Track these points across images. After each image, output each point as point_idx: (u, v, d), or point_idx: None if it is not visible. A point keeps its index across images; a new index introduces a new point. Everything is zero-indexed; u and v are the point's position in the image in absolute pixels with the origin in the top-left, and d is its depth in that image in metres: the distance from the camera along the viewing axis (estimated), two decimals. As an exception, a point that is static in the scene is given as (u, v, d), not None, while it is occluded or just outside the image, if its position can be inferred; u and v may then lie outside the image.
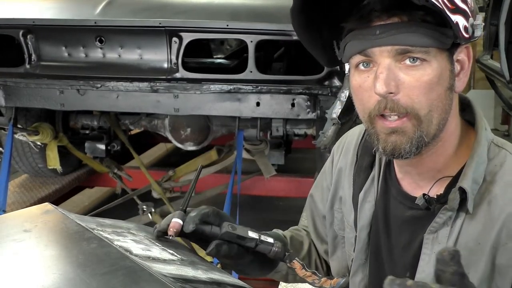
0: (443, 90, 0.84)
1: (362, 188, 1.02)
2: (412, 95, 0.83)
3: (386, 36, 0.81)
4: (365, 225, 1.02)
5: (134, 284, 0.64)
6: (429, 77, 0.82)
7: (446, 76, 0.84)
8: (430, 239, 0.90)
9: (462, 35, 0.80)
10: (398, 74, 0.82)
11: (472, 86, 7.38)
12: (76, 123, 3.32)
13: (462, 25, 0.80)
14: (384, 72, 0.82)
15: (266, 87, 2.50)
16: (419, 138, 0.84)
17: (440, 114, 0.85)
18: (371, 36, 0.82)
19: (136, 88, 2.58)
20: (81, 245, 0.75)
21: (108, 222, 0.91)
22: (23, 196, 3.30)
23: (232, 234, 0.91)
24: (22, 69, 2.61)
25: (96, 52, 2.56)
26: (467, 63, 0.88)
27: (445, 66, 0.84)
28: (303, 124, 2.92)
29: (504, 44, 3.09)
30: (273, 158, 3.26)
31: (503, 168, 0.88)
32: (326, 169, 1.16)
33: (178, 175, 3.36)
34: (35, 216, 0.86)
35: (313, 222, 1.19)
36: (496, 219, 0.86)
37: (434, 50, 0.82)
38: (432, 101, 0.83)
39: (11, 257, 0.72)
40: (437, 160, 0.91)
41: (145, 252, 0.77)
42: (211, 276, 0.77)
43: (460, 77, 0.87)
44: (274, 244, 0.93)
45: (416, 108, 0.83)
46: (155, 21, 2.42)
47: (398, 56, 0.82)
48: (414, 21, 0.81)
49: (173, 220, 0.89)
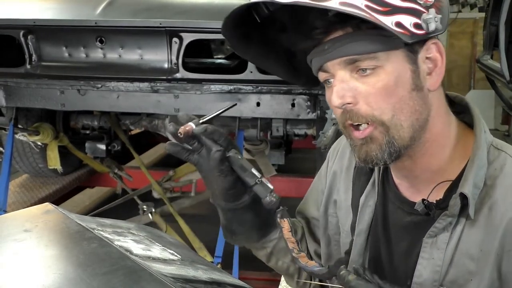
0: (405, 92, 0.83)
1: (363, 192, 1.01)
2: (371, 103, 0.82)
3: (333, 50, 0.82)
4: (363, 230, 1.00)
5: (135, 284, 0.64)
6: (383, 82, 0.81)
7: (406, 77, 0.83)
8: (429, 243, 0.89)
9: (411, 33, 0.79)
10: (355, 84, 0.83)
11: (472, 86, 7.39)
12: (76, 123, 3.32)
13: (410, 23, 0.78)
14: (337, 84, 0.83)
15: (266, 87, 2.50)
16: (389, 143, 0.84)
17: (409, 116, 0.84)
18: (322, 52, 0.83)
19: (136, 88, 2.58)
20: (81, 245, 0.75)
21: (108, 222, 0.91)
22: (24, 196, 3.30)
23: (238, 161, 0.90)
24: (23, 69, 2.61)
25: (97, 52, 2.56)
26: (440, 60, 0.85)
27: (404, 67, 0.82)
28: (303, 124, 2.92)
29: (504, 44, 3.09)
30: (273, 158, 3.26)
31: (503, 171, 0.87)
32: (321, 172, 1.16)
33: (178, 175, 3.36)
34: (36, 216, 0.86)
35: (307, 223, 1.18)
36: (498, 225, 0.84)
37: (383, 54, 0.81)
38: (393, 105, 0.82)
39: (12, 257, 0.72)
40: (430, 162, 0.90)
41: (146, 252, 0.77)
42: (211, 276, 0.77)
43: (433, 75, 0.85)
44: (272, 191, 0.92)
45: (376, 115, 0.83)
46: (155, 22, 2.42)
47: (350, 66, 0.82)
48: (359, 31, 0.81)
49: (188, 123, 0.90)
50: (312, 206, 1.16)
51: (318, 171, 1.18)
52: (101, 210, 3.31)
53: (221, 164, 0.90)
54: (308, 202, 1.18)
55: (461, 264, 0.87)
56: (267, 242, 1.07)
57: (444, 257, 0.87)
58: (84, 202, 4.33)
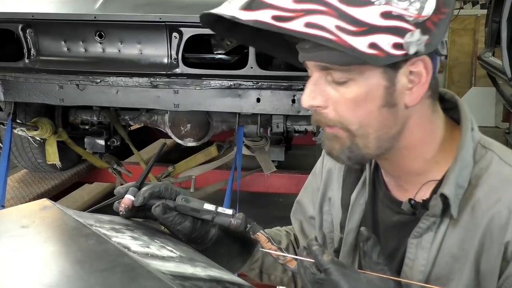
0: (374, 108, 0.80)
1: (354, 190, 1.00)
2: (339, 111, 0.81)
3: (312, 52, 0.78)
4: (353, 228, 1.00)
5: (132, 281, 0.64)
6: (352, 95, 0.79)
7: (377, 94, 0.79)
8: (414, 243, 0.88)
9: (389, 54, 0.73)
10: (327, 88, 0.81)
11: (473, 84, 7.39)
12: (75, 118, 3.31)
13: (389, 43, 0.72)
14: (309, 86, 0.81)
15: (266, 83, 2.49)
16: (350, 149, 0.82)
17: (376, 130, 0.81)
18: (303, 49, 0.80)
19: (136, 84, 2.57)
20: (79, 241, 0.74)
21: (107, 218, 0.90)
22: (22, 192, 3.29)
23: (186, 207, 0.89)
24: (21, 64, 2.60)
25: (96, 47, 2.55)
26: (424, 76, 0.80)
27: (377, 84, 0.78)
28: (303, 120, 2.92)
29: (506, 41, 3.09)
30: (273, 154, 3.26)
31: (488, 171, 0.85)
32: (316, 170, 1.15)
33: (177, 171, 3.36)
34: (33, 212, 0.85)
35: (300, 225, 1.17)
36: (479, 224, 0.84)
37: (357, 67, 0.77)
38: (360, 118, 0.80)
39: (9, 253, 0.71)
40: (412, 165, 0.88)
41: (144, 248, 0.76)
42: (210, 274, 0.76)
43: (413, 90, 0.81)
44: (233, 215, 0.91)
45: (344, 123, 0.81)
46: (155, 16, 2.41)
47: (325, 72, 0.80)
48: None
49: (125, 197, 0.89)
50: (308, 205, 1.15)
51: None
52: (99, 206, 3.30)
53: (169, 216, 0.89)
54: (304, 201, 1.17)
55: (444, 263, 0.87)
56: (252, 264, 1.07)
57: (428, 257, 0.87)
58: (83, 197, 4.32)
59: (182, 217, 0.90)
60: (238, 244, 1.01)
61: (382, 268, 0.80)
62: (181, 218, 0.90)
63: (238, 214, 0.91)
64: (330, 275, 0.76)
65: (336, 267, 0.77)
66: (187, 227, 0.91)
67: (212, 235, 0.95)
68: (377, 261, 0.80)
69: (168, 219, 0.89)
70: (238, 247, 1.01)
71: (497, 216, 0.82)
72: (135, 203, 0.89)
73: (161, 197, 0.90)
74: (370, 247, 0.81)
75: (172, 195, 0.91)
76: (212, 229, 0.95)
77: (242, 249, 1.02)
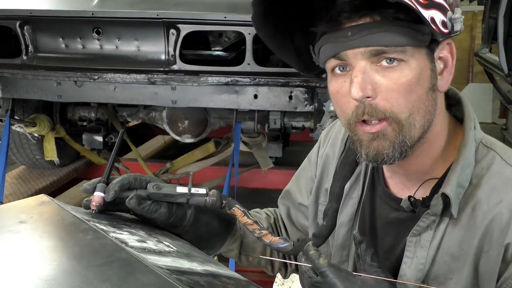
0: (424, 91, 0.80)
1: (347, 182, 0.99)
2: (391, 99, 0.78)
3: (358, 38, 0.77)
4: (345, 222, 0.99)
5: (130, 276, 0.64)
6: (407, 78, 0.78)
7: (426, 75, 0.80)
8: (413, 242, 0.88)
9: (440, 31, 0.75)
10: (375, 76, 0.78)
11: (470, 80, 7.38)
12: (73, 114, 3.31)
13: (439, 20, 0.75)
14: (359, 75, 0.78)
15: (263, 80, 2.49)
16: (402, 143, 0.81)
17: (423, 116, 0.81)
18: (343, 38, 0.78)
19: (133, 80, 2.57)
20: (76, 236, 0.75)
21: (104, 213, 0.91)
22: (21, 188, 3.29)
23: (159, 194, 0.88)
24: (19, 60, 2.61)
25: (94, 43, 2.55)
26: (450, 61, 0.83)
27: (425, 65, 0.79)
28: (301, 116, 2.92)
29: (503, 37, 3.09)
30: (270, 150, 3.26)
31: (490, 171, 0.85)
32: (311, 158, 1.13)
33: (175, 167, 3.36)
34: (31, 208, 0.85)
35: (287, 211, 1.17)
36: (479, 225, 0.83)
37: (410, 49, 0.77)
38: (412, 104, 0.79)
39: (7, 248, 0.71)
40: (424, 162, 0.88)
41: (141, 243, 0.77)
42: (206, 268, 0.77)
43: (444, 75, 0.83)
44: (207, 194, 0.90)
45: (395, 111, 0.79)
46: (152, 13, 2.41)
47: (373, 58, 0.78)
48: (387, 20, 0.76)
49: (94, 194, 0.87)
50: (299, 192, 1.14)
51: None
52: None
53: (144, 205, 0.88)
54: (295, 187, 1.16)
55: (443, 262, 0.87)
56: (231, 244, 1.07)
57: (427, 256, 0.87)
58: (81, 194, 4.32)
59: (157, 205, 0.89)
60: (216, 223, 1.00)
61: (376, 270, 0.81)
62: (156, 206, 0.89)
63: (212, 192, 0.91)
64: (326, 278, 0.78)
65: (332, 270, 0.78)
66: (163, 213, 0.90)
67: (189, 216, 0.94)
68: (371, 264, 0.81)
69: (144, 209, 0.88)
70: (217, 226, 1.01)
71: (498, 217, 0.82)
72: (107, 199, 0.87)
73: (132, 188, 0.88)
74: (364, 251, 0.82)
75: (142, 184, 0.89)
76: (189, 211, 0.94)
77: (221, 228, 1.02)
